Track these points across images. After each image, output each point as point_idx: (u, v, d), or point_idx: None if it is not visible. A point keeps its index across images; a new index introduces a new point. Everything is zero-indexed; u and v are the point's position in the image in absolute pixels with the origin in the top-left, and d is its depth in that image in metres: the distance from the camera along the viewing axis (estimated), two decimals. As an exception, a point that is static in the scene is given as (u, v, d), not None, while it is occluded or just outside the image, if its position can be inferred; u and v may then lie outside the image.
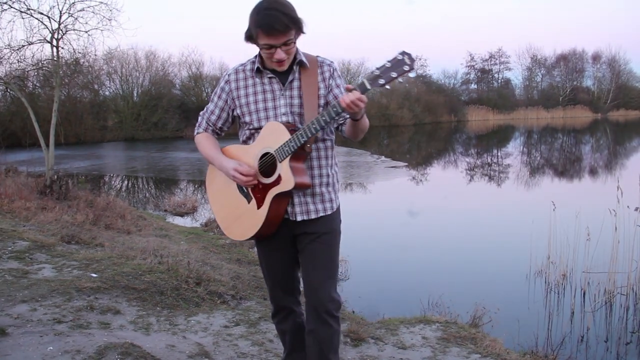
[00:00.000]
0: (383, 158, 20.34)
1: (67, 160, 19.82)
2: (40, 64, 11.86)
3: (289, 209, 2.37)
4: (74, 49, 11.10)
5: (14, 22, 10.57)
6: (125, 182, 16.30)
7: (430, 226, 9.77)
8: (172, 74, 35.83)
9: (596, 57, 56.60)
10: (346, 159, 19.89)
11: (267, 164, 2.33)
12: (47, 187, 9.43)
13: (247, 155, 2.39)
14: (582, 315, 5.38)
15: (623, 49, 75.70)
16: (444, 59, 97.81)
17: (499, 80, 56.53)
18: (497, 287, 6.20)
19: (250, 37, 2.25)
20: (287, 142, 2.23)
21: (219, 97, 2.47)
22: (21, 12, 10.27)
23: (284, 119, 2.33)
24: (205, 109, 2.56)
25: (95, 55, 13.20)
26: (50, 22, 10.42)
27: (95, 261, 4.98)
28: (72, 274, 4.57)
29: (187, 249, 6.35)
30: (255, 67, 2.36)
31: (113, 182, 16.13)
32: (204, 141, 2.53)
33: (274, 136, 2.28)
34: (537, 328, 4.93)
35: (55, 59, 10.70)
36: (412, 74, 2.06)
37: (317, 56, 2.40)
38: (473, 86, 56.03)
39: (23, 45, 10.78)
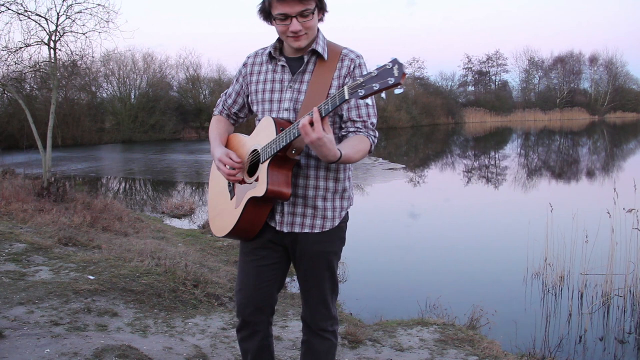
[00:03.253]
0: (381, 160, 20.34)
1: (64, 162, 19.79)
2: (37, 66, 11.88)
3: (278, 217, 2.14)
4: (71, 51, 11.13)
5: (11, 24, 10.67)
6: (123, 184, 16.27)
7: (428, 228, 9.78)
8: (170, 76, 35.84)
9: (593, 60, 56.82)
10: (344, 161, 19.82)
11: (255, 161, 2.12)
12: (44, 190, 9.42)
13: (244, 148, 2.19)
14: (579, 317, 5.39)
15: (620, 52, 76.55)
16: (442, 61, 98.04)
17: (497, 83, 56.73)
18: (495, 289, 6.20)
19: (265, 11, 2.03)
20: (271, 142, 1.98)
21: (237, 80, 2.29)
22: (19, 14, 10.28)
23: (285, 115, 2.09)
24: (225, 91, 2.38)
25: (93, 57, 13.20)
26: (47, 25, 10.44)
27: (92, 263, 4.98)
28: (70, 277, 4.56)
29: (184, 251, 6.34)
30: (268, 51, 2.15)
31: (110, 185, 16.09)
32: (214, 124, 2.35)
33: (264, 133, 2.05)
34: (535, 330, 4.94)
35: (52, 61, 10.70)
36: (398, 91, 1.71)
37: (344, 48, 2.12)
38: (470, 88, 56.20)
39: (21, 48, 10.79)
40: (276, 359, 3.33)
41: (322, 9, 2.05)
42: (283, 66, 2.13)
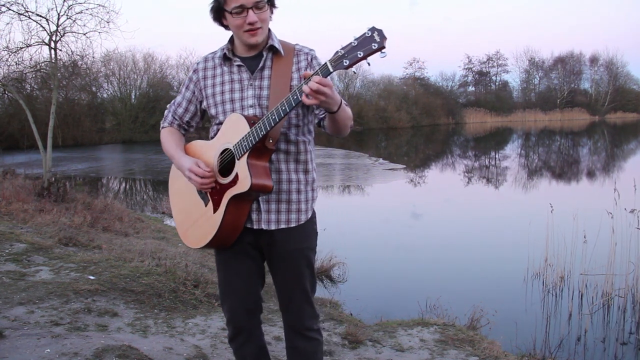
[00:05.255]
0: (381, 160, 20.35)
1: (64, 162, 19.79)
2: (38, 66, 11.90)
3: (254, 216, 2.12)
4: (72, 51, 11.16)
5: (12, 24, 10.65)
6: (123, 184, 16.28)
7: (428, 228, 9.78)
8: (170, 76, 35.82)
9: (594, 60, 56.81)
10: (344, 162, 19.89)
11: (227, 161, 2.09)
12: (44, 190, 9.43)
13: (209, 152, 2.15)
14: (579, 317, 5.39)
15: (620, 52, 76.52)
16: (442, 62, 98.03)
17: (497, 83, 56.71)
18: (495, 290, 6.20)
19: (217, 10, 2.06)
20: (245, 136, 1.98)
21: (187, 87, 2.25)
22: (19, 14, 10.30)
23: (251, 111, 2.09)
24: (172, 101, 2.32)
25: (93, 57, 13.21)
26: (48, 25, 10.47)
27: (92, 263, 4.98)
28: (70, 277, 4.56)
29: (184, 251, 6.34)
30: (223, 53, 2.15)
31: (111, 185, 16.10)
32: (168, 136, 2.29)
33: (233, 130, 2.04)
34: (535, 330, 4.93)
35: (53, 61, 10.71)
36: (382, 55, 1.75)
37: (296, 44, 2.17)
38: (471, 89, 56.17)
39: (21, 48, 10.81)
40: (277, 358, 3.33)
41: (272, 4, 2.09)
42: (239, 65, 2.13)
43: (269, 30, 2.12)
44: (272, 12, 2.11)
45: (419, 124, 42.76)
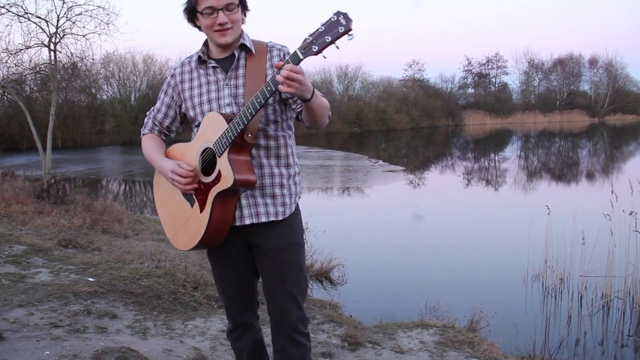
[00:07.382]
0: (381, 162, 20.35)
1: (64, 164, 19.79)
2: (37, 68, 11.91)
3: (237, 213, 2.11)
4: (71, 52, 11.15)
5: (11, 26, 10.63)
6: (123, 186, 16.28)
7: (428, 230, 9.78)
8: (170, 78, 35.79)
9: (593, 62, 56.93)
10: (344, 163, 19.90)
11: (208, 160, 2.09)
12: (44, 191, 9.42)
13: (190, 153, 2.15)
14: (579, 319, 5.39)
15: (620, 54, 76.52)
16: (442, 63, 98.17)
17: (496, 85, 56.79)
18: (495, 291, 6.20)
19: (191, 10, 2.09)
20: (224, 132, 1.99)
21: (165, 93, 2.29)
22: (19, 16, 10.31)
23: (228, 109, 2.11)
24: (151, 108, 2.35)
25: (93, 59, 13.17)
26: (48, 26, 10.47)
27: (92, 265, 4.97)
28: (69, 278, 4.56)
29: (184, 253, 6.34)
30: (197, 56, 2.19)
31: (110, 186, 16.10)
32: (148, 142, 2.31)
33: (212, 128, 2.05)
34: (535, 332, 4.93)
35: (52, 62, 10.71)
36: (349, 37, 1.77)
37: (269, 42, 2.20)
38: (470, 90, 56.25)
39: (21, 49, 10.82)
40: None
41: (244, 7, 2.13)
42: (214, 67, 2.16)
43: (242, 31, 2.15)
44: (245, 15, 2.14)
45: (419, 126, 42.78)
